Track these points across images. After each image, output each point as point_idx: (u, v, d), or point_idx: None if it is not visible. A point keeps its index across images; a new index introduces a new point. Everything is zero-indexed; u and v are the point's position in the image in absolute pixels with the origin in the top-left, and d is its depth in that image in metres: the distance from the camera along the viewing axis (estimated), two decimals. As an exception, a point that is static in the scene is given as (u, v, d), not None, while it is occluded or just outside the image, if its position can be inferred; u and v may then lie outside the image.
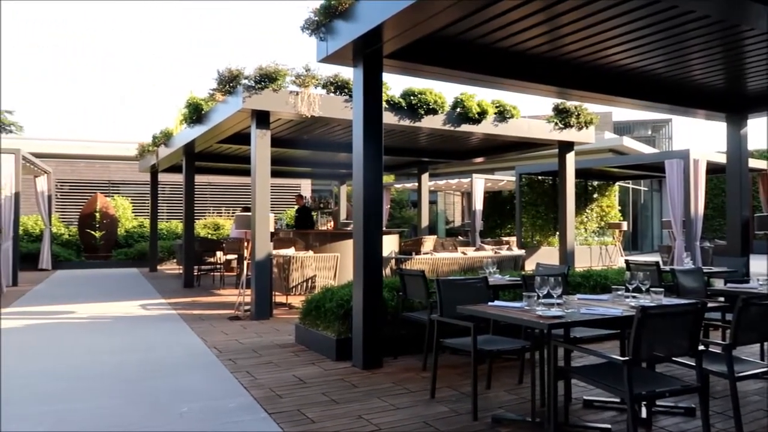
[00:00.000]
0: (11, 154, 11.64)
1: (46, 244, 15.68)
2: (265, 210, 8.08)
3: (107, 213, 17.90)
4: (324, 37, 5.50)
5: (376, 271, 5.28)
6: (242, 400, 4.25)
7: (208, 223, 19.82)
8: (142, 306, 9.17)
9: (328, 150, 12.30)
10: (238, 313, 8.17)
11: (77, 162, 20.69)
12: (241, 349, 5.96)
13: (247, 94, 7.67)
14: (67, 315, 8.31)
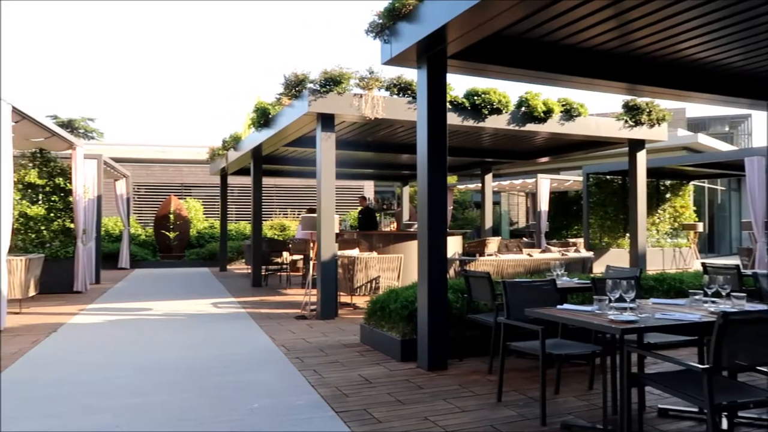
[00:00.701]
0: (94, 159, 12.36)
1: (125, 244, 16.55)
2: (330, 211, 8.21)
3: (180, 214, 18.69)
4: (388, 40, 5.54)
5: (440, 273, 5.27)
6: (310, 397, 4.34)
7: (275, 224, 20.33)
8: (213, 304, 9.51)
9: (391, 151, 12.38)
10: (304, 312, 8.35)
11: (153, 166, 21.72)
12: (307, 348, 6.09)
13: (312, 97, 7.83)
14: (145, 312, 8.73)
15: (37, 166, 10.93)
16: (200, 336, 6.87)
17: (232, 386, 4.68)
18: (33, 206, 10.76)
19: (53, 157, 11.16)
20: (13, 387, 4.67)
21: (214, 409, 4.11)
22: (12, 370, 5.20)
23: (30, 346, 6.16)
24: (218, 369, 5.26)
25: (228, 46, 51.79)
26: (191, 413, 4.01)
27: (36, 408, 4.13)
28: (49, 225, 10.82)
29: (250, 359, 5.66)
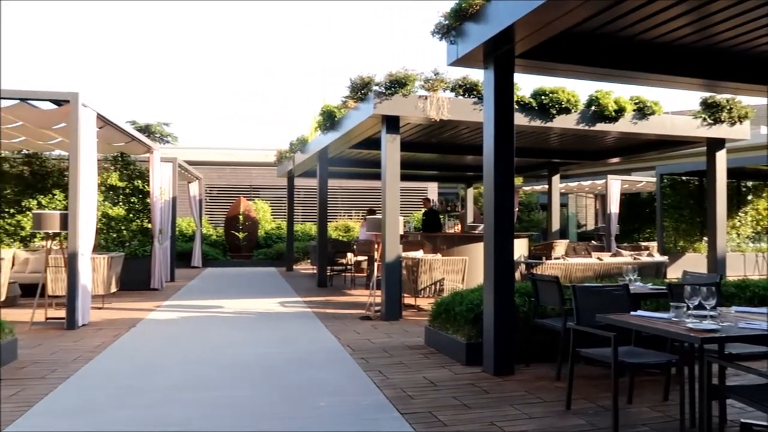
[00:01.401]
0: (169, 163, 12.93)
1: (197, 244, 17.22)
2: (395, 213, 8.25)
3: (249, 216, 19.27)
4: (454, 41, 5.51)
5: (507, 276, 5.19)
6: (375, 398, 4.37)
7: (340, 226, 20.61)
8: (280, 303, 9.75)
9: (455, 153, 12.29)
10: (368, 313, 8.42)
11: (223, 168, 22.50)
12: (372, 349, 6.13)
13: (377, 100, 7.89)
14: (217, 309, 9.05)
15: (118, 169, 11.55)
16: (269, 334, 7.05)
17: (300, 384, 4.78)
18: (114, 207, 11.37)
19: (133, 160, 11.76)
20: (99, 378, 4.96)
21: (285, 405, 4.21)
22: (97, 361, 5.51)
23: (112, 340, 6.51)
24: (287, 366, 5.38)
25: (295, 50, 52.93)
26: (262, 408, 4.13)
27: (123, 398, 4.36)
28: (128, 225, 11.41)
29: (317, 358, 5.76)
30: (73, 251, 7.10)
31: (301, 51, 54.65)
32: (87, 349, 5.99)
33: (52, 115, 7.91)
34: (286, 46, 54.29)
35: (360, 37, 56.51)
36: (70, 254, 7.12)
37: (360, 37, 56.37)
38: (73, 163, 7.20)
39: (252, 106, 52.37)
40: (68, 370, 5.15)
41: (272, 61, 53.21)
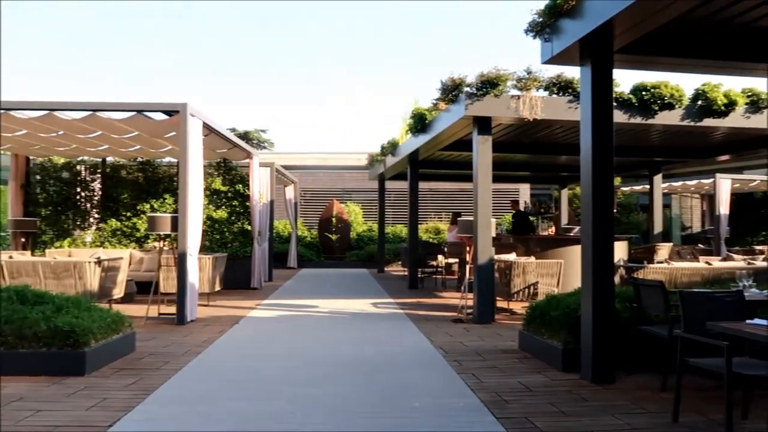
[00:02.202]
0: (267, 167, 13.53)
1: (293, 246, 17.87)
2: (487, 215, 8.16)
3: (342, 218, 19.75)
4: (548, 38, 5.38)
5: (606, 280, 5.00)
6: (469, 401, 4.36)
7: (430, 228, 20.65)
8: (373, 304, 9.92)
9: (549, 153, 11.96)
10: (460, 315, 8.38)
11: (317, 172, 23.19)
12: (465, 352, 6.11)
13: (469, 101, 7.85)
14: (312, 308, 9.36)
15: (221, 174, 12.23)
16: (363, 334, 7.20)
17: (394, 383, 4.85)
18: (217, 210, 12.05)
19: (234, 165, 12.41)
20: (207, 371, 5.29)
21: (380, 404, 4.29)
22: (204, 355, 5.87)
23: (217, 336, 6.91)
24: (380, 366, 5.48)
25: (384, 53, 53.77)
26: (358, 406, 4.23)
27: (229, 391, 4.63)
28: (230, 227, 12.05)
29: (410, 359, 5.81)
30: (182, 251, 7.61)
31: (391, 54, 55.25)
32: (195, 344, 6.40)
33: (163, 125, 8.51)
34: (374, 49, 55.11)
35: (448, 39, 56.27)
36: (179, 254, 7.64)
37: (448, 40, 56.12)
38: (182, 169, 7.71)
39: (343, 111, 53.59)
40: (179, 362, 5.52)
41: (362, 64, 54.20)
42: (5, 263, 7.84)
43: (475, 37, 55.20)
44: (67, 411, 4.06)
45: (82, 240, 11.92)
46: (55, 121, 8.16)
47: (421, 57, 55.85)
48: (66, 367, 4.99)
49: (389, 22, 53.63)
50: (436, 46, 54.04)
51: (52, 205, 11.99)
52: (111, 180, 12.26)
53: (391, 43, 54.34)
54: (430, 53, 54.46)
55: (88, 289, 7.68)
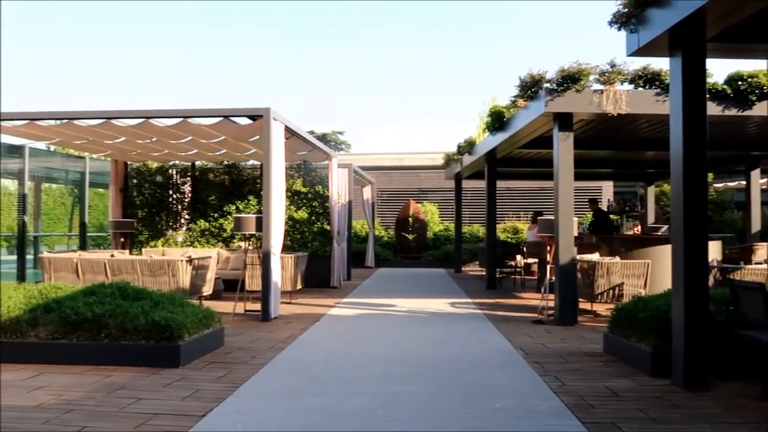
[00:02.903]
0: (345, 168, 13.78)
1: (371, 245, 18.09)
2: (569, 214, 7.95)
3: (418, 218, 19.80)
4: (635, 29, 5.18)
5: (700, 281, 4.74)
6: (553, 404, 4.27)
7: (507, 227, 20.32)
8: (451, 304, 9.89)
9: (634, 149, 11.46)
10: (541, 317, 8.20)
11: (393, 173, 23.37)
12: (547, 354, 5.98)
13: (549, 97, 7.67)
14: (391, 307, 9.45)
15: (302, 176, 12.58)
16: (442, 333, 7.20)
17: (475, 384, 4.83)
18: (298, 211, 12.40)
19: (314, 167, 12.73)
20: (291, 366, 5.47)
21: (461, 404, 4.28)
22: (288, 351, 6.08)
23: (299, 332, 7.12)
24: (460, 366, 5.46)
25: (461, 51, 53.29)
26: (439, 405, 4.24)
27: (312, 386, 4.78)
28: (310, 227, 12.37)
29: (490, 359, 5.76)
30: (266, 251, 7.90)
31: (468, 52, 54.78)
32: (279, 340, 6.63)
33: (247, 129, 8.87)
34: (452, 48, 54.82)
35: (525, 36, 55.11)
36: (263, 253, 7.93)
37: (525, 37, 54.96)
38: (265, 172, 8.01)
39: (419, 112, 53.65)
40: (265, 357, 5.74)
41: (438, 64, 54.05)
42: (107, 261, 8.44)
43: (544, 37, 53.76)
44: (165, 400, 4.33)
45: (174, 240, 12.62)
46: (151, 128, 8.69)
47: (499, 55, 54.97)
48: (162, 359, 5.32)
49: (466, 20, 53.17)
50: (512, 44, 53.03)
51: (147, 207, 12.77)
52: (200, 183, 12.90)
53: (467, 41, 53.84)
54: (506, 51, 53.52)
55: (181, 286, 8.13)
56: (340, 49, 53.41)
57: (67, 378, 4.92)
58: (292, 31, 55.16)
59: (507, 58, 53.57)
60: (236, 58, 55.44)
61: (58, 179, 16.86)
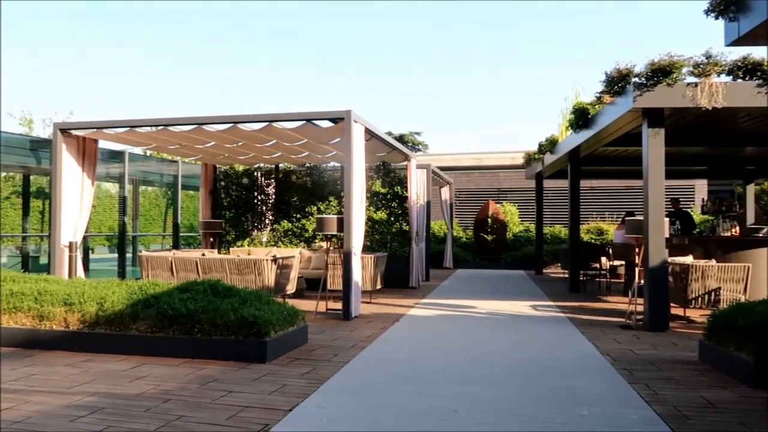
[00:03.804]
0: (423, 169, 13.80)
1: (449, 246, 18.01)
2: (660, 214, 7.58)
3: (497, 218, 19.50)
4: (734, 17, 4.86)
5: (809, 287, 4.39)
6: (644, 413, 4.08)
7: (591, 228, 19.63)
8: (532, 306, 9.67)
9: (731, 144, 10.78)
10: (629, 321, 7.87)
11: (471, 173, 23.16)
12: (636, 360, 5.73)
13: (637, 92, 7.35)
14: (470, 309, 9.37)
15: (381, 177, 12.71)
16: (522, 336, 7.07)
17: (558, 389, 4.70)
18: (377, 212, 12.54)
19: (392, 168, 12.83)
20: (373, 365, 5.55)
21: (544, 409, 4.19)
22: (369, 350, 6.17)
23: (380, 332, 7.21)
24: (543, 370, 5.34)
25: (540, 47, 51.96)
26: (522, 410, 4.17)
27: (394, 385, 4.83)
28: (389, 227, 12.48)
29: (574, 364, 5.59)
30: (347, 251, 8.05)
31: (547, 47, 53.40)
32: (360, 339, 6.74)
33: (328, 132, 9.07)
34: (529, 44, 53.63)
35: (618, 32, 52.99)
36: (345, 253, 8.09)
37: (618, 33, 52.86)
38: (346, 173, 8.16)
39: (498, 111, 52.84)
40: (347, 355, 5.85)
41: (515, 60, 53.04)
42: (199, 260, 8.89)
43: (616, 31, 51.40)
44: (253, 393, 4.51)
45: (259, 240, 13.11)
46: (238, 133, 9.07)
47: (580, 50, 53.19)
48: (250, 354, 5.54)
49: (545, 15, 51.84)
50: (595, 39, 51.16)
51: (234, 208, 13.34)
52: (283, 184, 13.33)
53: (547, 36, 52.46)
54: (587, 46, 51.70)
55: (266, 285, 8.43)
56: (414, 49, 53.48)
57: (164, 369, 5.24)
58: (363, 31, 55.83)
59: (591, 54, 51.71)
60: (313, 58, 56.78)
61: (153, 182, 17.95)
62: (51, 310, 6.12)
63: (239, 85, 55.74)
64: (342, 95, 56.07)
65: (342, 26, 56.30)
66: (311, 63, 56.62)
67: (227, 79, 55.65)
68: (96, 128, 9.16)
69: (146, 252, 9.57)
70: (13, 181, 20.31)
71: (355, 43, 56.24)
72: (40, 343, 6.08)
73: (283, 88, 54.68)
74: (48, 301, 6.24)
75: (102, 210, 22.42)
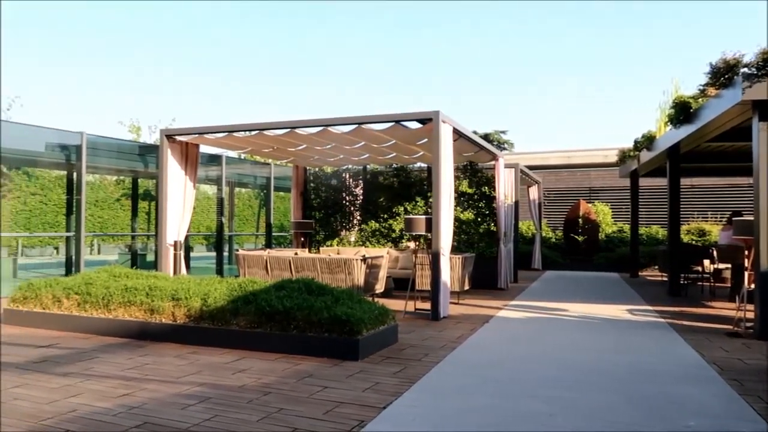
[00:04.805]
0: (512, 168, 13.57)
1: (537, 247, 17.59)
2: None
3: (589, 218, 18.82)
4: None
5: None
6: (759, 427, 3.82)
7: (692, 229, 18.51)
8: (628, 311, 9.27)
9: None
10: (737, 329, 7.37)
11: (560, 171, 22.49)
12: (747, 370, 5.36)
13: (747, 83, 6.86)
14: (560, 312, 9.12)
15: (467, 177, 12.63)
16: (618, 341, 6.79)
17: (660, 397, 4.49)
18: (464, 212, 12.47)
19: (480, 168, 12.71)
20: (463, 366, 5.54)
21: (645, 418, 4.02)
22: (459, 350, 6.16)
23: (469, 333, 7.17)
24: (642, 376, 5.12)
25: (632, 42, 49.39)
26: (621, 417, 4.02)
27: (484, 387, 4.80)
28: (477, 228, 12.38)
29: (676, 372, 5.32)
30: (436, 251, 8.07)
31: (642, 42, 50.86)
32: (450, 339, 6.74)
33: (416, 133, 9.13)
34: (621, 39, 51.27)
35: (713, 13, 49.67)
36: (433, 254, 8.11)
37: (713, 14, 49.55)
38: (434, 174, 8.18)
39: (588, 107, 50.93)
40: (437, 356, 5.88)
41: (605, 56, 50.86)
42: (292, 259, 9.22)
43: (747, 8, 47.86)
44: (347, 390, 4.64)
45: (347, 239, 13.40)
46: (329, 135, 9.33)
47: (678, 43, 50.23)
48: (343, 352, 5.69)
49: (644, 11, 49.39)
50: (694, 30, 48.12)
51: (324, 208, 13.72)
52: (370, 185, 13.55)
53: (643, 30, 49.94)
54: (686, 37, 48.72)
55: (356, 284, 8.61)
56: (498, 47, 52.54)
57: (262, 363, 5.49)
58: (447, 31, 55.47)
59: (689, 45, 48.71)
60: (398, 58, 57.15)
61: (247, 184, 18.78)
62: (160, 305, 6.57)
63: (332, 86, 57.14)
64: (422, 95, 56.11)
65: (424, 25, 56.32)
66: (400, 65, 57.06)
67: (343, 78, 57.12)
68: (197, 134, 9.73)
69: (243, 251, 10.04)
70: (123, 185, 21.94)
71: (437, 45, 56.10)
72: (150, 335, 6.55)
73: (368, 88, 55.47)
74: (158, 296, 6.71)
75: (200, 211, 23.76)
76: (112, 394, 4.47)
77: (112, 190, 22.90)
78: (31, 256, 21.17)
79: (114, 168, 13.90)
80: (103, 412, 4.06)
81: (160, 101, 49.54)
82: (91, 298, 7.02)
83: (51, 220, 20.48)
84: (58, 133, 11.33)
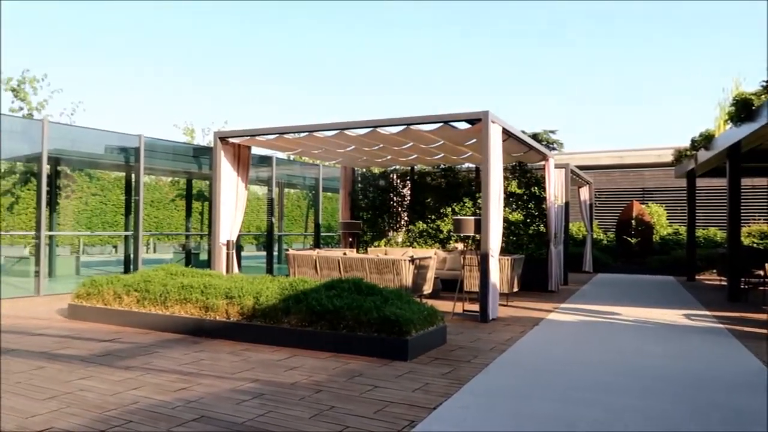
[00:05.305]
0: (562, 169, 13.33)
1: (588, 249, 17.20)
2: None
3: (642, 220, 18.29)
4: None
5: None
6: (828, 439, 3.65)
7: (753, 231, 17.73)
8: (684, 316, 8.97)
9: None
10: (804, 336, 7.03)
11: (612, 172, 21.93)
12: (815, 380, 5.11)
13: (815, 80, 6.55)
14: (613, 315, 8.90)
15: (517, 178, 12.47)
16: (676, 347, 6.58)
17: (721, 405, 4.34)
18: (513, 213, 12.32)
19: (529, 168, 12.54)
20: (512, 368, 5.48)
21: (705, 426, 3.88)
22: (509, 353, 6.10)
23: (519, 335, 7.09)
24: (702, 384, 4.95)
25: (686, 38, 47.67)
26: (681, 425, 3.90)
27: (535, 390, 4.74)
28: (526, 229, 12.21)
29: (737, 380, 5.11)
30: (485, 252, 8.01)
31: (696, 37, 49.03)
32: (499, 341, 6.68)
33: (464, 133, 9.09)
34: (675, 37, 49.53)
35: None
36: (482, 255, 8.05)
37: None
38: (484, 174, 8.12)
39: (639, 105, 49.47)
40: (487, 358, 5.84)
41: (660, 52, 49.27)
42: (341, 259, 9.32)
43: None
44: (397, 390, 4.66)
45: (394, 240, 13.44)
46: (377, 137, 9.39)
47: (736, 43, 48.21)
48: (392, 352, 5.72)
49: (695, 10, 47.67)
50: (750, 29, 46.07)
51: (372, 209, 13.80)
52: (418, 186, 13.55)
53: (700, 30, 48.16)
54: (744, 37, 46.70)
55: (404, 284, 8.64)
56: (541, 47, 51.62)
57: (313, 361, 5.58)
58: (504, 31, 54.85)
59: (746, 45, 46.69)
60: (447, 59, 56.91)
61: (296, 185, 19.09)
62: (215, 302, 6.76)
63: (377, 85, 57.46)
64: (468, 96, 55.69)
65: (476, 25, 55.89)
66: (448, 66, 56.86)
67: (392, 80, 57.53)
68: (249, 136, 9.96)
69: (293, 251, 10.21)
70: (177, 185, 22.65)
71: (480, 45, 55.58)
72: (205, 332, 6.75)
73: (415, 90, 55.49)
74: (212, 294, 6.90)
75: (250, 211, 24.26)
76: (171, 388, 4.64)
77: (167, 190, 23.68)
78: (92, 254, 22.13)
79: (169, 169, 14.38)
80: (163, 405, 4.22)
81: (211, 104, 50.84)
82: (150, 295, 7.29)
83: (110, 220, 21.35)
84: (118, 136, 11.81)
